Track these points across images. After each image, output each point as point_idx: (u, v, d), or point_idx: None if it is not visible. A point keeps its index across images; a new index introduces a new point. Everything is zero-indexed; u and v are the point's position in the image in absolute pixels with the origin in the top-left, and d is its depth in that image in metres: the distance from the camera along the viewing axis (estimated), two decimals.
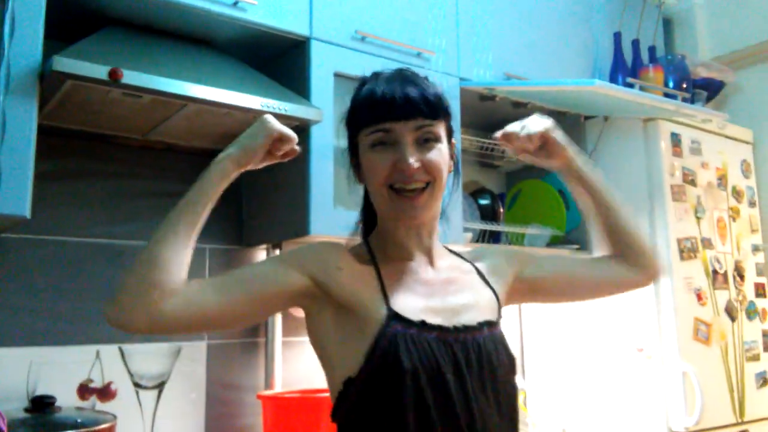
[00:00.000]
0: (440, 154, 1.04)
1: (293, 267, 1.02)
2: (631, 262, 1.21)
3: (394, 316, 0.98)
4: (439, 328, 1.00)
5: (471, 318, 1.05)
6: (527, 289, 1.19)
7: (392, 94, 1.02)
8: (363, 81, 1.10)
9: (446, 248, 1.19)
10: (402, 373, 0.94)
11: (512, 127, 1.17)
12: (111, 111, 1.53)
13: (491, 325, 1.07)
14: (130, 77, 1.37)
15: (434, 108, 1.04)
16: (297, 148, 1.12)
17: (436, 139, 1.04)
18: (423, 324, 0.99)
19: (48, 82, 1.34)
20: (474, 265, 1.17)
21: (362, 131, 1.05)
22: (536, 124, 1.15)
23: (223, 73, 1.64)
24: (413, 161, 1.01)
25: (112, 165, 1.83)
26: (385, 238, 1.10)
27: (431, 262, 1.11)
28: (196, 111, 1.56)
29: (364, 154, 1.05)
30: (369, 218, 1.16)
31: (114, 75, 1.33)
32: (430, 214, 1.08)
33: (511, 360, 1.07)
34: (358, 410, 0.98)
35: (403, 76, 1.06)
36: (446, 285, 1.09)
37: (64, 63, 1.30)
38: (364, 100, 1.06)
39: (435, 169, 1.03)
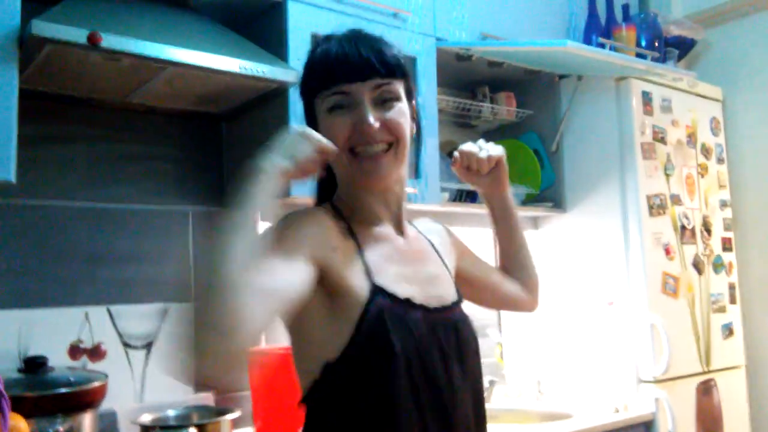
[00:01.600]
0: (401, 113, 1.00)
1: (309, 261, 0.89)
2: (527, 290, 1.31)
3: (379, 291, 0.94)
4: (423, 308, 0.98)
5: (444, 294, 1.05)
6: (457, 279, 1.16)
7: (346, 55, 0.97)
8: (316, 44, 1.05)
9: (413, 226, 1.17)
10: (393, 358, 0.90)
11: (470, 147, 1.17)
12: (91, 74, 1.54)
13: (458, 304, 1.06)
14: (110, 41, 1.37)
15: (391, 67, 0.99)
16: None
17: (396, 98, 1.00)
18: (408, 302, 0.96)
19: (27, 46, 1.34)
20: (428, 239, 1.14)
21: (318, 96, 1.00)
22: (495, 149, 1.19)
23: (202, 36, 1.65)
24: (373, 121, 0.96)
25: (94, 128, 1.83)
26: (352, 206, 1.03)
27: (401, 231, 1.07)
28: (176, 74, 1.57)
29: (322, 120, 0.99)
30: (327, 187, 1.09)
31: (93, 39, 1.33)
32: (395, 176, 1.02)
33: (477, 343, 1.06)
34: (339, 395, 0.93)
35: (358, 36, 1.01)
36: (417, 255, 1.07)
37: (42, 27, 1.31)
38: (317, 63, 1.01)
39: (397, 128, 0.99)
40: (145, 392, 1.82)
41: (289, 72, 1.67)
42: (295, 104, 1.76)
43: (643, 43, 2.47)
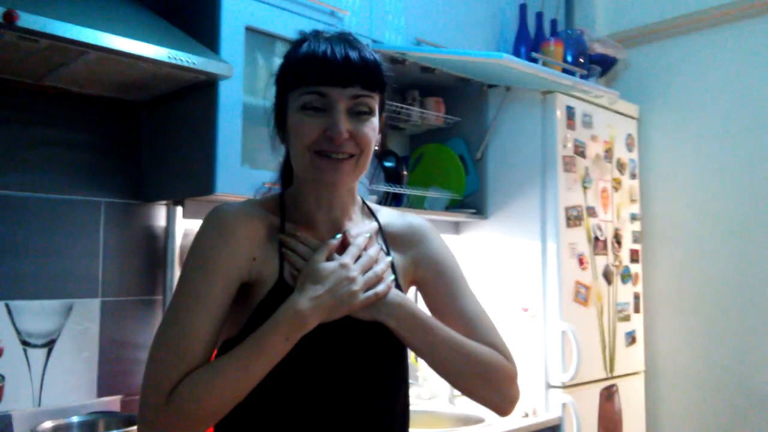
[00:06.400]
0: (371, 127, 1.00)
1: (231, 281, 0.96)
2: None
3: (282, 285, 0.98)
4: None
5: None
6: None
7: (333, 58, 0.96)
8: (302, 38, 1.03)
9: (376, 218, 1.13)
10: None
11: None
12: (4, 54, 1.42)
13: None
14: (27, 20, 1.27)
15: (373, 79, 1.00)
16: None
17: (370, 112, 1.00)
18: None
19: None
20: (387, 250, 1.09)
21: (294, 91, 0.99)
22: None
23: (129, 21, 1.55)
24: (344, 131, 0.97)
25: (2, 110, 1.70)
26: (296, 202, 1.06)
27: (331, 237, 1.05)
28: (98, 59, 1.47)
29: (293, 114, 1.00)
30: (287, 178, 1.12)
31: (9, 17, 1.23)
32: (349, 184, 1.04)
33: (388, 350, 1.05)
34: None
35: (346, 40, 1.00)
36: None
37: None
38: (301, 58, 0.99)
39: (364, 143, 0.99)
40: (43, 394, 1.71)
41: (221, 65, 1.60)
42: (226, 98, 1.69)
43: (569, 59, 2.54)
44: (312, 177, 1.01)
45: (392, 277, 1.03)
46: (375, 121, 1.02)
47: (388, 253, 1.08)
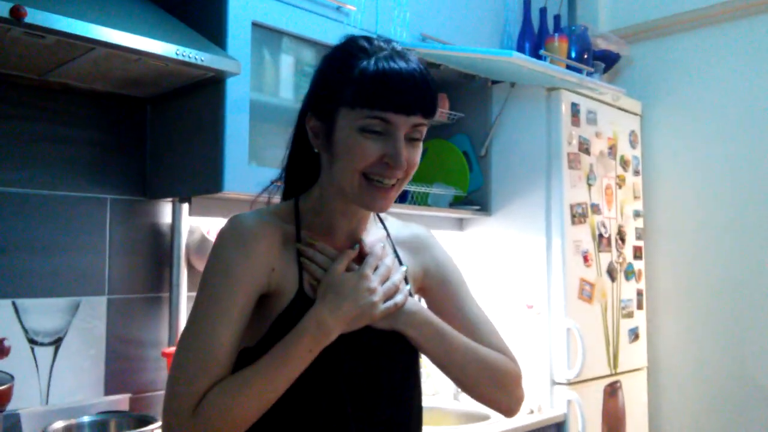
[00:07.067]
0: (419, 153, 1.00)
1: (251, 293, 0.96)
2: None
3: (303, 296, 0.98)
4: None
5: None
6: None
7: (403, 84, 0.93)
8: (355, 46, 0.99)
9: (384, 226, 1.14)
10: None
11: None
12: (8, 50, 1.40)
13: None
14: (35, 16, 1.25)
15: (434, 107, 0.97)
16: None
17: (421, 138, 0.99)
18: None
19: None
20: (398, 254, 1.11)
21: (354, 109, 0.95)
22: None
23: (136, 17, 1.54)
24: (404, 161, 0.95)
25: (5, 105, 1.68)
26: (316, 210, 1.05)
27: (350, 245, 1.06)
28: (105, 55, 1.46)
29: (349, 134, 0.96)
30: (298, 180, 1.09)
31: (17, 13, 1.21)
32: None
33: (404, 361, 1.07)
34: None
35: (407, 59, 0.96)
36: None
37: None
38: (369, 77, 0.94)
39: (412, 169, 0.99)
40: (51, 393, 1.70)
41: (229, 62, 1.59)
42: (233, 94, 1.68)
43: (573, 55, 2.53)
44: (358, 200, 0.99)
45: (408, 286, 1.05)
46: (421, 146, 1.00)
47: (401, 262, 1.09)
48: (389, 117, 0.94)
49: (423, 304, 1.11)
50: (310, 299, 0.97)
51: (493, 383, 1.07)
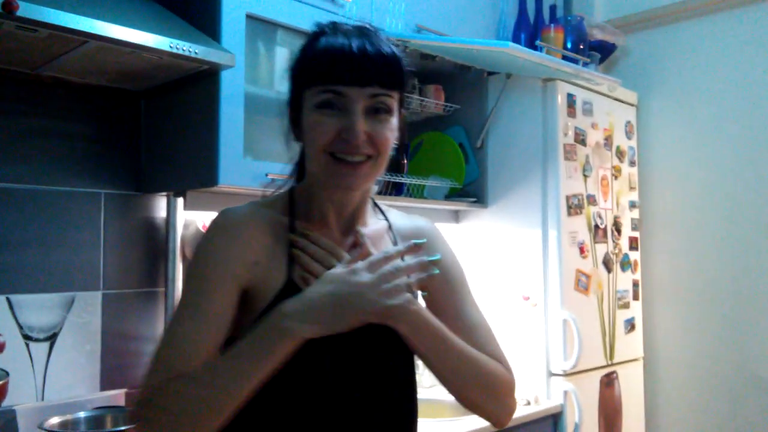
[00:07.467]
0: (390, 127, 0.96)
1: (233, 288, 0.94)
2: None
3: (291, 287, 0.94)
4: None
5: None
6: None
7: (351, 54, 0.92)
8: (319, 30, 0.98)
9: (385, 217, 1.12)
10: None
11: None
12: (1, 44, 1.38)
13: None
14: (27, 10, 1.24)
15: (393, 77, 0.95)
16: None
17: (388, 111, 0.96)
18: None
19: None
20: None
21: (310, 88, 0.95)
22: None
23: (130, 10, 1.52)
24: (361, 133, 0.93)
25: None
26: (308, 200, 1.03)
27: (344, 237, 1.04)
28: (98, 48, 1.44)
29: (308, 113, 0.96)
30: (301, 173, 1.08)
31: (8, 6, 1.19)
32: (365, 187, 1.01)
33: (398, 359, 1.04)
34: None
35: (365, 35, 0.95)
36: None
37: None
38: (318, 54, 0.94)
39: (381, 144, 0.95)
40: (46, 388, 1.69)
41: (223, 54, 1.58)
42: (227, 87, 1.66)
43: (569, 46, 2.52)
44: (327, 180, 0.98)
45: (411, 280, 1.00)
46: (394, 120, 0.97)
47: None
48: (341, 89, 0.93)
49: (421, 300, 1.10)
50: (298, 290, 0.93)
51: (485, 391, 1.02)
